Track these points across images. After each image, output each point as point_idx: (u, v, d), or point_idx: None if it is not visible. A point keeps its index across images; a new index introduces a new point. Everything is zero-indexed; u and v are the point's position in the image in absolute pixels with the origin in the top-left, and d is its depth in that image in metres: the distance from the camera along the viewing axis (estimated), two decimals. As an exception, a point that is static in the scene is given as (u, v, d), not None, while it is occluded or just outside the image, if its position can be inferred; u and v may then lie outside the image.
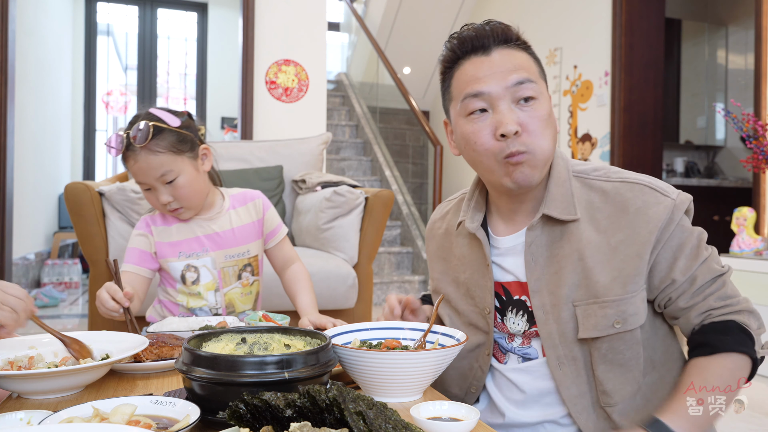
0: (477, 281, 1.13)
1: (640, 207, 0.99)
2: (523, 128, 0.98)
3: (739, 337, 0.97)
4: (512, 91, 0.99)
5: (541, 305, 1.04)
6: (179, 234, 1.52)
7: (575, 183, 1.06)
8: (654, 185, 1.02)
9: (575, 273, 1.01)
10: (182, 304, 1.52)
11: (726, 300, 0.99)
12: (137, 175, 1.42)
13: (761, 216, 3.39)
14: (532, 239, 1.05)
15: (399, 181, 5.91)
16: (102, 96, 7.18)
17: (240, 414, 0.67)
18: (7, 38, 3.81)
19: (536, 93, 1.00)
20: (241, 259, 1.54)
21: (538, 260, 1.05)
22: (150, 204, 1.50)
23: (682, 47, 5.80)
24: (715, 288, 1.00)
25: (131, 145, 1.39)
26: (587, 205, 1.04)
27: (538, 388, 1.06)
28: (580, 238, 1.01)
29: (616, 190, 1.03)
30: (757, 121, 3.14)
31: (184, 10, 7.54)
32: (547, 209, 1.03)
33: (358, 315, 2.50)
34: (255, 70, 4.23)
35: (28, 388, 0.89)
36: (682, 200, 1.01)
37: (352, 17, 7.64)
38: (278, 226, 1.63)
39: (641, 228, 0.98)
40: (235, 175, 2.84)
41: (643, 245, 0.98)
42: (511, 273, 1.09)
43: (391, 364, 0.87)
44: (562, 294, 1.01)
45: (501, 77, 1.00)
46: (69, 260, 5.24)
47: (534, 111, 0.99)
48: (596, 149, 4.68)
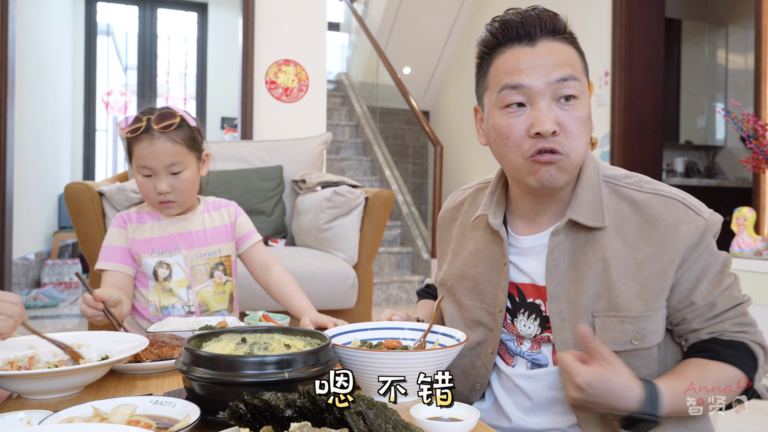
0: (489, 278, 1.09)
1: (672, 223, 0.96)
2: (561, 128, 0.94)
3: (745, 357, 0.95)
4: (554, 87, 0.94)
5: (558, 312, 1.01)
6: (152, 232, 1.54)
7: (605, 189, 1.02)
8: (687, 202, 0.98)
9: (598, 283, 0.98)
10: (154, 302, 1.53)
11: (743, 327, 0.98)
12: (147, 157, 1.44)
13: (761, 216, 3.39)
14: (555, 244, 1.01)
15: (399, 181, 5.91)
16: (102, 96, 7.17)
17: (240, 414, 0.67)
18: (7, 38, 3.81)
19: (579, 92, 0.95)
20: (212, 257, 1.57)
21: (559, 266, 1.01)
22: (142, 191, 1.51)
23: (682, 47, 5.80)
24: (734, 315, 0.98)
25: (150, 128, 1.43)
26: (616, 213, 1.00)
27: (546, 397, 1.04)
28: (606, 248, 0.98)
29: (647, 202, 0.99)
30: (757, 121, 3.13)
31: (184, 10, 7.53)
32: (574, 214, 0.99)
33: (358, 315, 2.50)
34: (255, 70, 4.23)
35: (28, 388, 0.89)
36: (714, 222, 0.98)
37: (352, 17, 7.64)
38: (250, 231, 1.66)
39: (670, 245, 0.95)
40: (235, 175, 2.84)
41: (669, 263, 0.95)
42: (527, 275, 1.06)
43: (391, 364, 0.87)
44: (582, 303, 0.98)
45: (544, 72, 0.95)
46: (69, 260, 5.24)
47: (575, 111, 0.95)
48: (596, 149, 4.68)
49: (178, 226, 1.56)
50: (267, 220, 2.85)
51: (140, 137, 1.44)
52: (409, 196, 5.77)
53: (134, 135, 1.44)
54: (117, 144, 7.22)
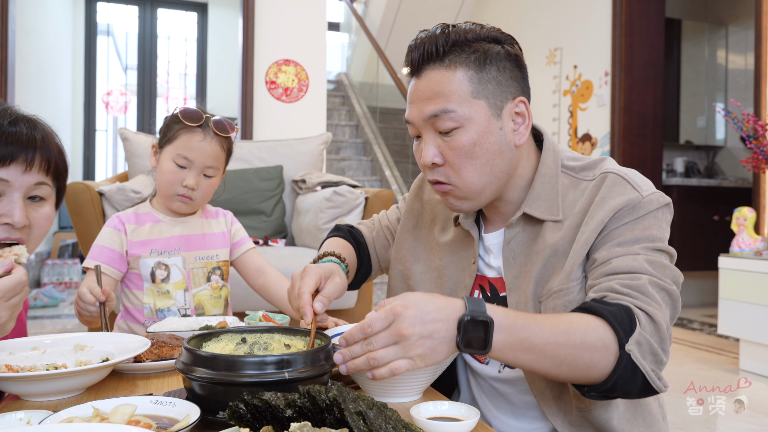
0: (455, 274, 1.10)
1: (605, 196, 0.93)
2: (444, 160, 0.95)
3: (620, 317, 0.82)
4: (430, 122, 0.94)
5: (515, 303, 1.01)
6: (151, 233, 1.54)
7: (563, 179, 1.01)
8: (629, 178, 0.94)
9: (545, 269, 0.97)
10: (149, 305, 1.52)
11: (633, 291, 0.85)
12: (194, 150, 1.46)
13: (761, 216, 3.39)
14: (511, 237, 1.02)
15: (399, 181, 5.91)
16: (102, 96, 7.18)
17: (240, 414, 0.67)
18: (7, 38, 3.81)
19: (457, 122, 0.92)
20: (209, 261, 1.58)
21: (517, 257, 1.02)
22: (165, 178, 1.49)
23: (682, 47, 5.80)
24: (628, 279, 0.87)
25: (207, 126, 1.47)
26: (571, 204, 0.99)
27: (524, 401, 1.04)
28: (558, 236, 0.97)
29: (595, 184, 0.97)
30: (757, 121, 3.14)
31: (184, 10, 7.54)
32: (529, 208, 1.00)
33: (358, 315, 2.50)
34: (255, 70, 4.23)
35: (29, 390, 0.89)
36: (651, 200, 0.92)
37: (352, 17, 7.64)
38: (244, 237, 1.67)
39: (597, 215, 0.92)
40: (235, 175, 2.84)
41: (593, 232, 0.92)
42: (494, 269, 1.07)
43: (391, 364, 0.87)
44: (529, 291, 0.98)
45: (419, 108, 0.95)
46: (69, 260, 5.24)
47: (454, 142, 0.93)
48: (596, 149, 4.68)
49: (177, 228, 1.56)
50: (267, 220, 2.85)
51: (194, 129, 1.47)
52: (409, 196, 5.77)
53: (192, 124, 1.46)
54: (117, 144, 7.22)
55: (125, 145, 2.76)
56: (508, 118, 0.96)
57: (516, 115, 0.97)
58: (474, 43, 0.94)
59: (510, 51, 0.97)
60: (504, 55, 0.96)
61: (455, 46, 0.93)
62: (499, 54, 0.95)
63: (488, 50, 0.94)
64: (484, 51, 0.94)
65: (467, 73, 0.93)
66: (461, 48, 0.94)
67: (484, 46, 0.94)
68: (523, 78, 0.99)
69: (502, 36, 0.97)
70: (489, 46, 0.95)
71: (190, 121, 1.46)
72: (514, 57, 0.97)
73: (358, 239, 1.27)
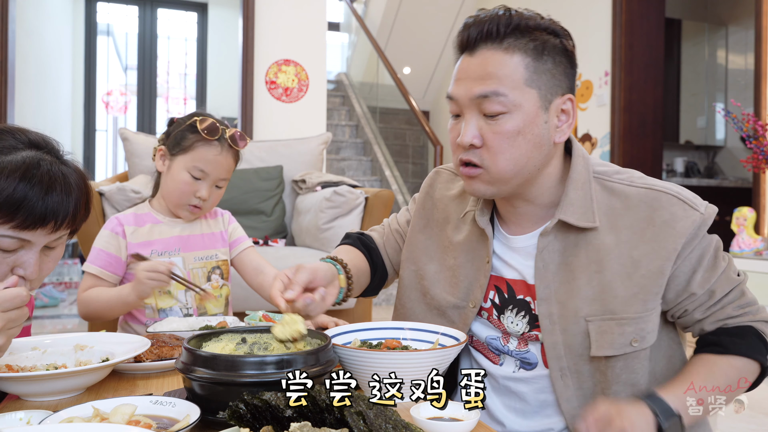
0: (470, 273, 1.08)
1: (668, 220, 0.94)
2: (483, 142, 0.93)
3: (753, 343, 0.95)
4: (477, 102, 0.92)
5: (548, 314, 0.99)
6: (151, 234, 1.54)
7: (595, 186, 1.00)
8: (682, 196, 0.96)
9: (591, 286, 0.96)
10: (151, 305, 1.52)
11: (745, 308, 0.97)
12: (211, 163, 1.47)
13: (761, 216, 3.39)
14: (544, 245, 0.99)
15: (399, 181, 5.91)
16: (102, 96, 7.18)
17: (240, 414, 0.67)
18: (7, 38, 3.81)
19: (506, 107, 0.91)
20: (209, 261, 1.58)
21: (549, 267, 0.99)
22: (178, 188, 1.49)
23: (682, 47, 5.80)
24: (733, 297, 0.97)
25: (223, 138, 1.48)
26: (608, 210, 0.97)
27: (539, 400, 1.03)
28: (599, 248, 0.96)
29: (640, 198, 0.96)
30: (757, 121, 3.14)
31: (184, 10, 7.54)
32: (564, 214, 0.97)
33: (358, 315, 2.50)
34: (255, 70, 4.23)
35: (29, 390, 0.89)
36: (710, 214, 0.96)
37: (352, 17, 7.64)
38: (242, 236, 1.68)
39: (667, 242, 0.93)
40: (235, 175, 2.83)
41: (666, 260, 0.93)
42: (517, 271, 1.04)
43: (391, 364, 0.87)
44: (573, 306, 0.96)
45: (468, 86, 0.93)
46: (69, 260, 5.24)
47: (498, 126, 0.92)
48: (596, 149, 4.68)
49: (176, 229, 1.57)
50: (267, 220, 2.85)
51: (212, 143, 1.47)
52: (409, 196, 5.77)
53: (210, 138, 1.46)
54: (117, 144, 7.22)
55: (125, 145, 2.76)
56: (555, 113, 0.96)
57: (562, 113, 0.97)
58: (535, 31, 0.93)
59: (567, 46, 0.96)
60: (561, 49, 0.95)
61: (516, 30, 0.92)
62: (556, 47, 0.94)
63: (547, 41, 0.94)
64: (543, 41, 0.93)
65: (524, 59, 0.92)
66: (522, 33, 0.92)
67: (544, 36, 0.94)
68: (574, 76, 0.99)
69: (560, 30, 0.96)
70: (548, 37, 0.94)
71: (211, 135, 1.46)
72: (570, 53, 0.97)
73: (368, 245, 1.27)
